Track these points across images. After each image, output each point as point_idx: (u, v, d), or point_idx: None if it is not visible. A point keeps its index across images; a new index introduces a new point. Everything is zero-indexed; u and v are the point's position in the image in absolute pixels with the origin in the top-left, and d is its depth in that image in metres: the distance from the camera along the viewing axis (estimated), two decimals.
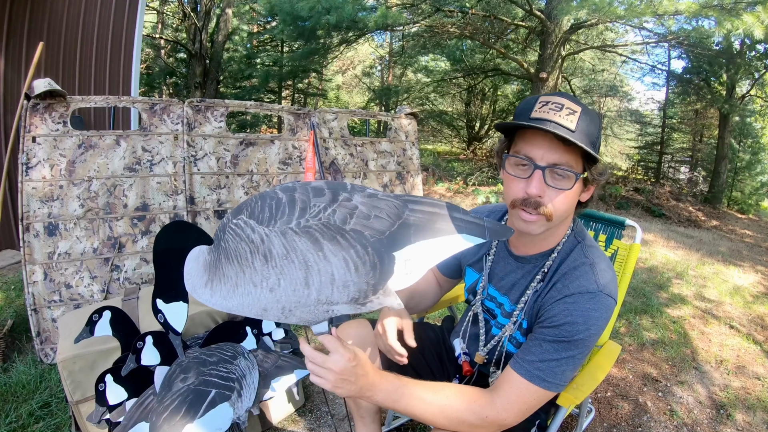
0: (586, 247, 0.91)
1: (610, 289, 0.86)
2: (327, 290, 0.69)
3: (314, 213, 0.69)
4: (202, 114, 2.25)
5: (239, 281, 0.71)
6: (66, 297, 1.92)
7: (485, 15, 8.23)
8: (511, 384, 0.84)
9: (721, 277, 4.03)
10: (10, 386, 1.66)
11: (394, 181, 2.96)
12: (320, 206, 0.70)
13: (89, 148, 1.98)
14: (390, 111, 9.68)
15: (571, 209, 0.88)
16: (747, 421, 1.83)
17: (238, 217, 0.73)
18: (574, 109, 0.81)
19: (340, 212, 0.70)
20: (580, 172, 0.83)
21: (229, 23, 10.96)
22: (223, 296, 0.73)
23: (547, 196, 0.83)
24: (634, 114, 13.74)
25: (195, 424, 1.16)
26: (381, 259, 0.69)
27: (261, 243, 0.69)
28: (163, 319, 1.04)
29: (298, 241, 0.68)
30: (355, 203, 0.71)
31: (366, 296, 0.70)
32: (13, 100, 3.22)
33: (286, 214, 0.70)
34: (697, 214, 8.47)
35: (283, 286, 0.69)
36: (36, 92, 1.82)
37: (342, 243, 0.68)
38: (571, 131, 0.79)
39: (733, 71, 8.59)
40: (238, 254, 0.71)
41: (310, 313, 0.71)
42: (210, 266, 0.76)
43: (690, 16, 5.50)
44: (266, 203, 0.72)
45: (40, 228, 1.88)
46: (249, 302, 0.72)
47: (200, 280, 0.77)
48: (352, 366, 0.76)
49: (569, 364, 0.83)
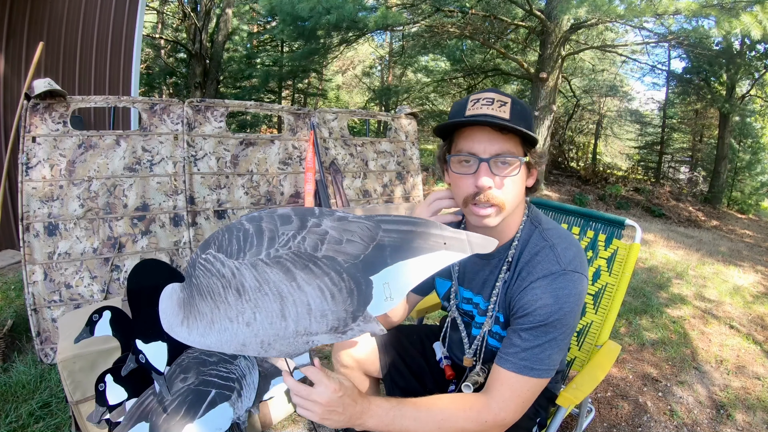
0: (543, 230, 0.92)
1: (575, 265, 0.86)
2: (305, 321, 0.66)
3: (283, 242, 0.67)
4: (202, 114, 2.25)
5: (215, 317, 0.69)
6: (66, 297, 1.92)
7: (485, 15, 8.23)
8: (502, 381, 0.84)
9: (721, 277, 4.03)
10: (10, 386, 1.66)
11: (394, 181, 2.96)
12: (289, 234, 0.68)
13: (89, 148, 1.98)
14: (390, 111, 9.68)
15: (521, 195, 0.90)
16: (747, 421, 1.83)
17: (206, 252, 0.71)
18: (504, 101, 0.84)
19: (310, 239, 0.67)
20: (523, 156, 0.87)
21: (229, 23, 10.96)
22: (201, 333, 0.71)
23: (497, 186, 0.86)
24: (634, 114, 13.74)
25: (195, 424, 1.16)
26: (358, 285, 0.67)
27: (232, 277, 0.67)
28: (145, 359, 0.98)
29: (270, 273, 0.66)
30: (325, 228, 0.69)
31: (346, 324, 0.68)
32: (13, 100, 3.22)
33: (255, 245, 0.68)
34: (697, 214, 8.47)
35: (260, 320, 0.66)
36: (36, 92, 1.82)
37: (315, 271, 0.66)
38: (507, 120, 0.82)
39: (733, 71, 8.59)
40: (210, 290, 0.69)
41: (289, 345, 0.69)
42: (184, 304, 0.74)
43: (689, 16, 5.50)
44: (233, 235, 0.70)
45: (40, 228, 1.88)
46: (227, 338, 0.69)
47: (176, 319, 0.75)
48: (338, 396, 0.75)
49: (553, 347, 0.83)
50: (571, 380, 1.09)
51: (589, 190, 9.05)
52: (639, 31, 8.45)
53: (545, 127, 7.88)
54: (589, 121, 13.20)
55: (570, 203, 4.32)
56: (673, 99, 12.24)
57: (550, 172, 10.24)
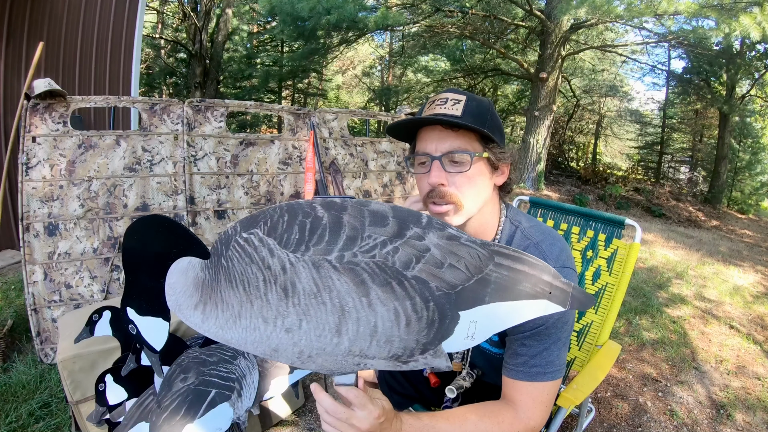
0: (525, 229, 0.91)
1: (562, 260, 0.86)
2: (363, 342, 0.55)
3: (367, 247, 0.55)
4: (202, 114, 2.25)
5: (243, 312, 0.57)
6: (66, 297, 1.92)
7: (485, 15, 8.23)
8: (521, 392, 0.84)
9: (721, 277, 4.03)
10: (10, 386, 1.66)
11: (394, 181, 2.96)
12: (378, 240, 0.56)
13: (89, 148, 1.98)
14: (390, 111, 9.68)
15: (482, 193, 0.88)
16: (747, 421, 1.83)
17: (250, 231, 0.58)
18: (458, 99, 0.84)
19: (405, 252, 0.55)
20: (478, 151, 0.85)
21: (229, 23, 10.96)
22: (220, 325, 0.60)
23: (451, 183, 0.85)
24: (634, 114, 13.74)
25: (195, 424, 1.16)
26: (442, 318, 0.56)
27: (281, 272, 0.55)
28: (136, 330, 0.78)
29: (337, 280, 0.54)
30: (428, 244, 0.57)
31: (412, 354, 0.58)
32: (13, 100, 3.22)
33: (325, 240, 0.55)
34: (697, 214, 8.47)
35: (305, 330, 0.55)
36: (36, 92, 1.82)
37: (397, 291, 0.54)
38: (458, 117, 0.82)
39: (733, 71, 8.59)
40: (246, 279, 0.56)
41: (335, 362, 0.58)
42: (204, 286, 0.61)
43: (689, 17, 5.50)
44: (296, 220, 0.57)
45: (40, 228, 1.88)
46: (255, 338, 0.58)
47: (188, 300, 0.62)
48: (380, 423, 0.68)
49: (558, 347, 0.83)
50: (571, 380, 1.09)
51: (589, 190, 9.05)
52: (639, 31, 8.46)
53: (545, 127, 7.88)
54: (589, 121, 13.21)
55: (570, 203, 4.32)
56: (673, 99, 12.25)
57: (550, 172, 10.24)
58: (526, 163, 7.80)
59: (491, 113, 0.87)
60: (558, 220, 1.54)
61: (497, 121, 0.88)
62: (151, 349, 0.76)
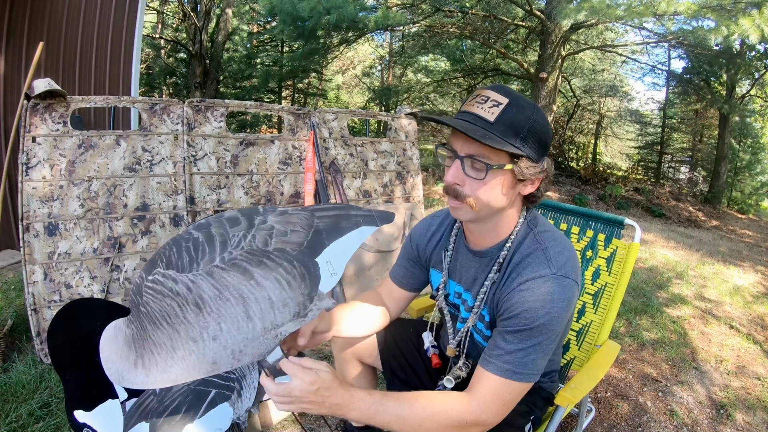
0: (538, 233, 0.90)
1: (566, 269, 0.85)
2: (270, 315, 0.67)
3: (235, 243, 0.68)
4: (202, 114, 2.25)
5: (176, 344, 0.64)
6: (66, 297, 1.93)
7: (485, 15, 8.23)
8: (484, 383, 0.84)
9: (721, 277, 4.03)
10: (10, 386, 1.66)
11: (394, 181, 2.96)
12: (239, 235, 0.69)
13: (89, 148, 1.98)
14: (390, 111, 9.68)
15: (498, 201, 0.85)
16: (747, 421, 1.83)
17: (153, 272, 0.66)
18: (500, 101, 0.80)
19: (260, 235, 0.69)
20: (499, 163, 0.81)
21: (229, 23, 10.96)
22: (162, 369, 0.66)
23: (468, 186, 0.84)
24: (634, 114, 13.75)
25: (195, 424, 1.16)
26: (307, 269, 0.71)
27: (188, 292, 0.63)
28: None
29: (228, 277, 0.64)
30: (271, 223, 0.72)
31: (305, 307, 0.71)
32: (13, 100, 3.22)
33: (207, 252, 0.66)
34: (697, 214, 8.47)
35: (226, 330, 0.64)
36: (36, 92, 1.82)
37: (270, 264, 0.67)
38: (489, 122, 0.79)
39: (733, 71, 8.59)
40: (165, 313, 0.64)
41: (260, 345, 0.68)
42: (134, 340, 0.66)
43: (689, 17, 5.50)
44: (182, 248, 0.67)
45: (40, 228, 1.88)
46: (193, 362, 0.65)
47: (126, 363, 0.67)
48: (315, 389, 0.76)
49: (537, 351, 0.82)
50: (570, 380, 1.09)
51: (589, 190, 9.05)
52: (639, 31, 8.46)
53: None
54: (589, 121, 13.21)
55: (570, 203, 4.32)
56: (673, 99, 12.25)
57: None
58: None
59: (532, 123, 0.81)
60: (558, 220, 1.54)
61: (539, 132, 0.82)
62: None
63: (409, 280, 1.14)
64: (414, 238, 1.12)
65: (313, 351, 2.11)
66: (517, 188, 0.86)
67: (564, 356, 1.43)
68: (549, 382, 1.11)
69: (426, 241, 1.10)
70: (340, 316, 1.08)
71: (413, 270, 1.13)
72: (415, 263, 1.12)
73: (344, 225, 0.78)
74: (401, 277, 1.14)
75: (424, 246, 1.10)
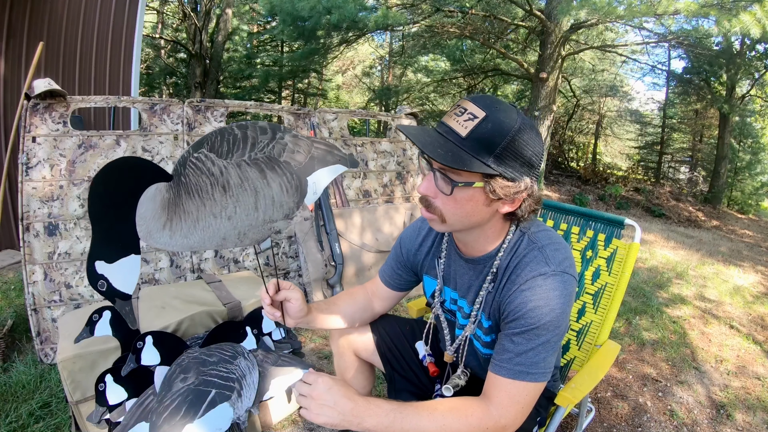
0: (532, 234, 0.90)
1: (564, 266, 0.84)
2: (270, 211, 0.82)
3: (260, 147, 0.84)
4: (202, 114, 2.25)
5: (200, 215, 0.77)
6: (66, 297, 1.93)
7: (485, 15, 8.23)
8: (499, 388, 0.84)
9: (721, 277, 4.03)
10: (10, 386, 1.66)
11: (394, 181, 2.96)
12: (264, 142, 0.85)
13: (89, 148, 1.98)
14: (390, 111, 9.68)
15: (470, 217, 0.83)
16: (747, 421, 1.83)
17: (199, 150, 0.80)
18: (477, 115, 0.76)
19: (278, 147, 0.86)
20: (467, 181, 0.78)
21: (229, 23, 10.96)
22: (184, 234, 0.77)
23: (439, 199, 0.82)
24: (634, 114, 13.74)
25: (195, 424, 1.16)
26: (300, 183, 0.87)
27: (220, 175, 0.78)
28: (106, 285, 0.79)
29: (250, 171, 0.80)
30: (286, 141, 0.88)
31: (292, 211, 0.87)
32: (13, 100, 3.22)
33: (240, 148, 0.81)
34: (697, 214, 8.47)
35: (239, 213, 0.79)
36: (36, 92, 1.82)
37: (278, 171, 0.84)
38: (461, 137, 0.76)
39: (733, 71, 8.59)
40: (199, 188, 0.77)
41: (258, 233, 0.84)
42: (169, 204, 0.77)
43: (689, 16, 5.50)
44: (224, 138, 0.82)
45: (40, 228, 1.88)
46: (209, 235, 0.79)
47: (157, 223, 0.77)
48: (328, 389, 0.81)
49: (546, 349, 0.82)
50: (570, 380, 1.09)
51: (589, 190, 9.06)
52: (639, 31, 8.46)
53: (545, 127, 7.88)
54: (589, 121, 13.21)
55: (570, 203, 4.32)
56: (673, 99, 12.25)
57: (551, 172, 10.24)
58: None
59: (510, 140, 0.76)
60: (558, 220, 1.54)
61: (519, 149, 0.77)
62: (123, 297, 0.80)
63: (396, 280, 1.14)
64: (404, 243, 1.12)
65: (313, 351, 2.12)
66: (494, 206, 0.83)
67: (564, 356, 1.43)
68: (552, 381, 1.11)
69: (416, 247, 1.09)
70: (320, 307, 1.10)
71: (399, 272, 1.13)
72: (402, 266, 1.12)
73: (329, 158, 0.94)
74: (388, 277, 1.15)
75: (414, 252, 1.09)
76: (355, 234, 2.61)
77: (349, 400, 0.80)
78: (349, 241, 2.57)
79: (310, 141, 0.94)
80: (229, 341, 1.48)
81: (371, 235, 2.67)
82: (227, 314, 1.60)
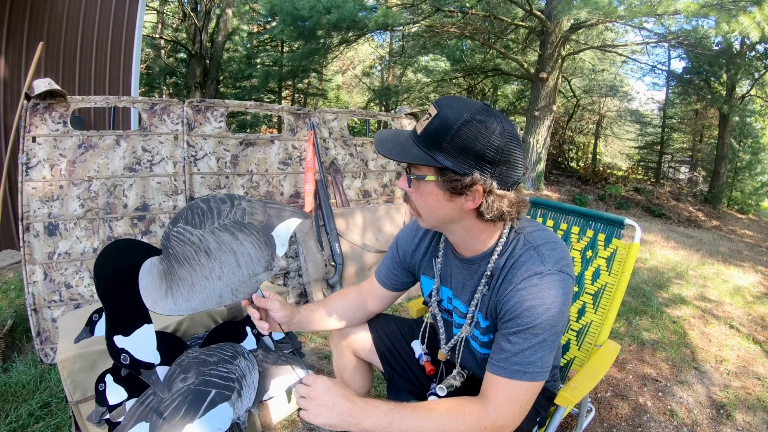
0: (528, 234, 0.90)
1: (561, 265, 0.84)
2: (251, 266, 0.93)
3: (225, 215, 0.96)
4: (202, 114, 2.25)
5: (194, 279, 0.87)
6: (66, 297, 1.93)
7: (485, 15, 8.23)
8: (496, 388, 0.84)
9: (722, 277, 4.03)
10: (10, 386, 1.66)
11: (394, 181, 2.96)
12: (227, 210, 0.97)
13: (89, 148, 1.98)
14: (390, 111, 9.68)
15: (437, 211, 0.85)
16: (747, 421, 1.83)
17: (177, 225, 0.92)
18: (431, 113, 0.81)
19: (238, 212, 0.97)
20: (419, 175, 0.84)
21: (229, 23, 10.96)
22: (186, 298, 0.87)
23: (411, 193, 0.89)
24: (634, 114, 13.75)
25: (195, 424, 1.16)
26: (268, 238, 0.98)
27: (200, 242, 0.90)
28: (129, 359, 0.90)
29: (223, 236, 0.92)
30: (244, 206, 0.99)
31: (270, 264, 0.97)
32: (13, 100, 3.22)
33: (209, 217, 0.94)
34: (697, 214, 8.47)
35: (226, 272, 0.90)
36: (36, 92, 1.82)
37: (246, 231, 0.95)
38: (418, 135, 0.82)
39: (733, 71, 8.59)
40: (186, 256, 0.88)
41: (248, 286, 0.94)
42: (165, 274, 0.87)
43: (689, 16, 5.50)
44: (194, 212, 0.94)
45: (40, 228, 1.88)
46: (208, 295, 0.88)
47: (159, 292, 0.86)
48: (326, 388, 0.82)
49: (543, 348, 0.82)
50: (570, 380, 1.09)
51: (589, 190, 9.06)
52: (639, 31, 8.46)
53: (545, 127, 7.89)
54: (589, 121, 13.21)
55: (570, 203, 4.32)
56: (673, 99, 12.25)
57: (550, 172, 10.24)
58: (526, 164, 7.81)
59: (454, 135, 0.77)
60: (558, 220, 1.54)
61: (464, 143, 0.77)
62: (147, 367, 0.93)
63: (392, 280, 1.15)
64: (401, 244, 1.12)
65: (313, 351, 2.12)
66: (457, 202, 0.83)
67: (564, 356, 1.43)
68: (552, 381, 1.10)
69: (413, 248, 1.09)
70: (311, 308, 1.12)
71: (396, 272, 1.13)
72: (398, 266, 1.13)
73: (284, 215, 1.04)
74: (384, 277, 1.15)
75: (411, 252, 1.10)
76: (356, 234, 2.61)
77: (347, 401, 0.81)
78: (350, 241, 2.57)
79: (263, 202, 1.05)
80: (229, 341, 1.48)
81: (372, 235, 2.67)
82: (227, 314, 1.60)
